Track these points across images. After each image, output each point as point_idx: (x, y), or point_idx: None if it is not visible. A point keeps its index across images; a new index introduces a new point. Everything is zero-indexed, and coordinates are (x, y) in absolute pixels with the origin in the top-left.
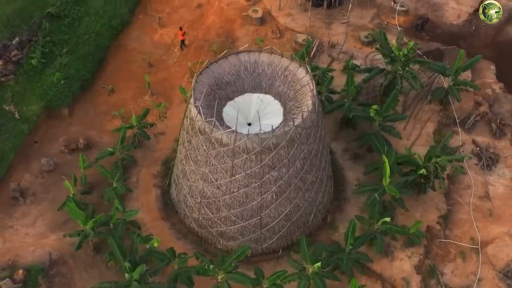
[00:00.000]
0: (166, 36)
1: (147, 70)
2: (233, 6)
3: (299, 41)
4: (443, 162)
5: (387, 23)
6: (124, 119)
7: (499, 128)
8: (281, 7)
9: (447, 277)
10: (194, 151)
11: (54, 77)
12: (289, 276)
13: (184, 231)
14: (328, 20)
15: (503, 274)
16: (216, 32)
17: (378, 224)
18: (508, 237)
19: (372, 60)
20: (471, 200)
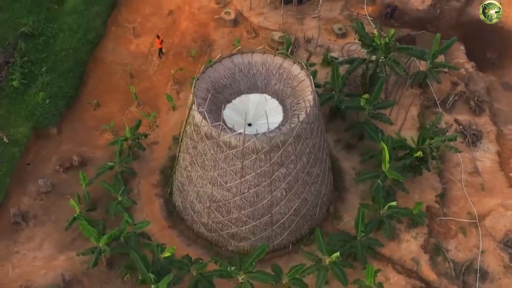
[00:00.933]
0: (142, 45)
1: (130, 81)
2: (204, 10)
3: (276, 38)
4: (437, 143)
5: (357, 14)
6: (114, 132)
7: (477, 105)
8: (252, 7)
9: (452, 253)
10: (201, 157)
11: (39, 96)
12: (307, 269)
13: (193, 237)
14: (299, 16)
15: (504, 244)
16: (191, 37)
17: (384, 209)
18: (502, 208)
19: (348, 51)
20: (462, 177)
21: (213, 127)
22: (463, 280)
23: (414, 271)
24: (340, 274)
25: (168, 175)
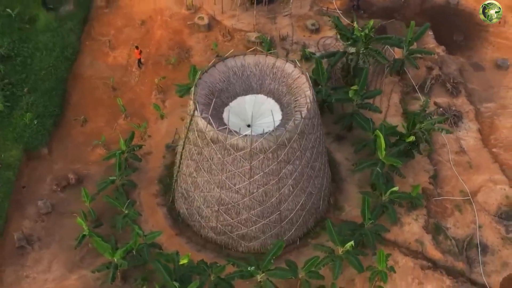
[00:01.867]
0: (119, 57)
1: (113, 94)
2: (176, 17)
3: (252, 39)
4: (428, 126)
5: (326, 9)
6: (106, 147)
7: (453, 87)
8: (223, 10)
9: (451, 231)
10: (207, 161)
11: (26, 118)
12: (322, 260)
13: (201, 242)
14: (271, 15)
15: (498, 217)
16: (167, 45)
17: (386, 195)
18: (491, 183)
19: (324, 45)
20: (450, 157)
21: (219, 131)
22: (466, 255)
23: (419, 252)
24: (355, 261)
25: (167, 184)
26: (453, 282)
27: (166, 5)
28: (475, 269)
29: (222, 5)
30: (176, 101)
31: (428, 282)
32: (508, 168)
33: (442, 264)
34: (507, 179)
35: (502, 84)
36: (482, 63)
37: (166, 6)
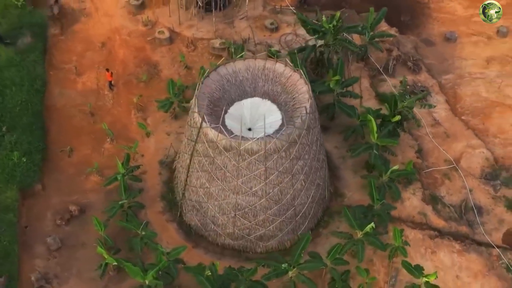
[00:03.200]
0: (88, 82)
1: (92, 120)
2: (135, 34)
3: (217, 46)
4: (410, 104)
5: (280, 7)
6: (99, 173)
7: (414, 65)
8: (180, 21)
9: (446, 198)
10: (221, 170)
11: (14, 157)
12: (345, 246)
13: (219, 250)
14: (227, 20)
15: (484, 179)
16: (133, 63)
17: (386, 175)
18: (470, 149)
19: (286, 42)
20: (427, 130)
21: (232, 138)
22: (466, 219)
23: (424, 223)
24: (377, 242)
25: (170, 200)
26: (462, 246)
27: (122, 24)
28: (477, 230)
29: (179, 16)
30: (157, 117)
31: (440, 250)
32: (479, 132)
33: (447, 231)
34: (482, 142)
35: (455, 56)
36: (432, 38)
37: (122, 25)
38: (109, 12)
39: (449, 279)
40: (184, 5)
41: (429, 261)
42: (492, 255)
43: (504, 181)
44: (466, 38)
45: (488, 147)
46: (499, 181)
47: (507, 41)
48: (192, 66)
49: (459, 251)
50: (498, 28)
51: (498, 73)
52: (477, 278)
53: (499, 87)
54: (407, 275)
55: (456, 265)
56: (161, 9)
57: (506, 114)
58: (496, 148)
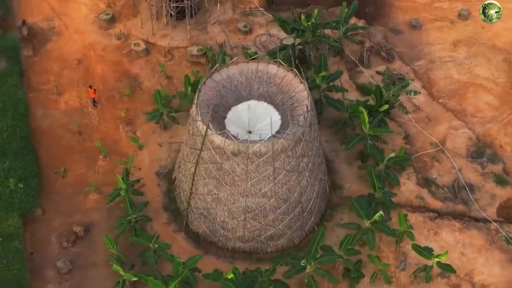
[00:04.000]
0: (70, 101)
1: (81, 138)
2: (110, 49)
3: (194, 53)
4: (396, 92)
5: (249, 9)
6: (97, 191)
7: (387, 54)
8: (154, 32)
9: (438, 180)
10: (229, 175)
11: (11, 183)
12: (355, 236)
13: (229, 254)
14: (200, 26)
15: (470, 157)
16: (113, 78)
17: (384, 163)
18: (453, 130)
19: (261, 43)
20: (410, 116)
21: (240, 143)
22: (460, 198)
23: (422, 206)
24: (386, 228)
25: (173, 210)
26: (461, 224)
27: (95, 40)
28: (472, 207)
29: (152, 27)
30: (146, 129)
31: (442, 230)
32: (458, 113)
33: (445, 211)
34: (463, 123)
35: (423, 42)
36: (398, 27)
37: (95, 40)
38: (79, 28)
39: (455, 257)
40: (155, 15)
41: (433, 242)
42: (490, 230)
43: (489, 157)
44: (430, 24)
45: (469, 127)
46: (485, 158)
47: (469, 23)
48: (173, 75)
49: (460, 229)
50: (459, 11)
51: (466, 54)
52: (481, 253)
53: (469, 68)
54: (414, 257)
55: (459, 243)
56: (132, 21)
57: (479, 94)
58: (476, 127)
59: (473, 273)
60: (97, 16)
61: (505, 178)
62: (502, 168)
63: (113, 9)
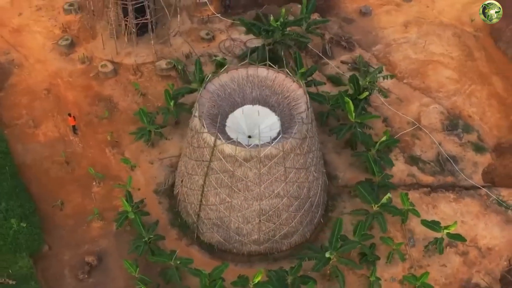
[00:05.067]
0: (49, 132)
1: (69, 168)
2: (76, 74)
3: (164, 67)
4: (373, 78)
5: (207, 16)
6: (100, 217)
7: (347, 43)
8: (117, 51)
9: (423, 156)
10: (242, 181)
11: (14, 224)
12: (366, 222)
13: (245, 259)
14: (162, 40)
15: (446, 131)
16: (86, 103)
17: (376, 148)
18: (424, 107)
19: (226, 48)
20: (382, 100)
21: (252, 148)
22: (447, 170)
23: (415, 183)
24: (393, 209)
25: (181, 225)
26: (455, 194)
27: (58, 67)
28: (459, 177)
29: (116, 46)
30: (133, 149)
31: (439, 202)
32: (424, 91)
33: (437, 185)
34: (432, 99)
35: (376, 27)
36: (350, 16)
37: (59, 67)
38: (40, 58)
39: (457, 226)
40: (115, 35)
41: (434, 215)
42: (482, 196)
43: (463, 128)
44: (379, 9)
45: (437, 102)
46: (460, 129)
47: (413, 4)
48: (146, 92)
49: (454, 199)
50: None
51: (418, 34)
52: (479, 218)
53: (423, 46)
54: (420, 233)
55: (457, 212)
56: (92, 44)
57: (438, 69)
58: (443, 101)
59: (477, 239)
60: (55, 42)
61: (482, 145)
62: (477, 137)
63: (69, 34)
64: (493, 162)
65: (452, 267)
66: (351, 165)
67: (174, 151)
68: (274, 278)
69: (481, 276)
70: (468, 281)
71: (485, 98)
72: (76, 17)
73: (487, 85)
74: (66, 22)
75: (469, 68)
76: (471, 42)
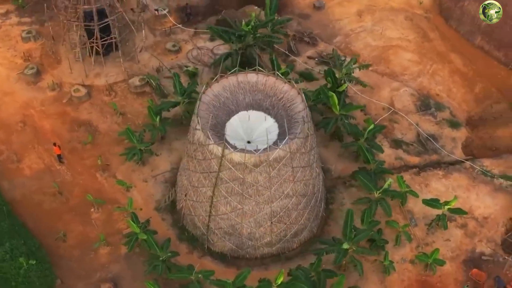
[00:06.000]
0: (33, 165)
1: (64, 198)
2: (48, 102)
3: (137, 84)
4: (348, 70)
5: (169, 28)
6: (106, 243)
7: (310, 39)
8: (86, 74)
9: (405, 138)
10: (253, 186)
11: (23, 263)
12: (371, 208)
13: (258, 262)
14: (129, 57)
15: (420, 111)
16: (65, 129)
17: (365, 136)
18: (395, 91)
19: (195, 57)
20: (354, 89)
21: (261, 153)
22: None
23: (403, 165)
24: (395, 193)
25: (189, 239)
26: (443, 170)
27: (29, 97)
28: (442, 154)
29: (84, 69)
30: (124, 170)
31: (430, 180)
32: (390, 75)
33: (423, 164)
34: (400, 82)
35: (331, 20)
36: (305, 11)
37: (29, 97)
38: (7, 90)
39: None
40: (80, 57)
41: (428, 194)
42: (467, 169)
43: (435, 107)
44: (331, 2)
45: (405, 85)
46: (433, 108)
47: None
48: (124, 111)
49: (443, 175)
50: None
51: (372, 22)
52: (470, 191)
53: (381, 33)
54: (419, 212)
55: (449, 188)
56: (58, 69)
57: (399, 53)
58: (410, 83)
59: (472, 210)
60: (20, 72)
61: (456, 120)
62: (450, 113)
63: (33, 62)
64: (469, 135)
65: (455, 240)
66: (340, 156)
67: (165, 167)
68: (302, 276)
69: (484, 245)
70: (472, 251)
71: (448, 76)
72: (36, 44)
73: (447, 63)
74: (27, 50)
75: (427, 49)
76: (424, 24)
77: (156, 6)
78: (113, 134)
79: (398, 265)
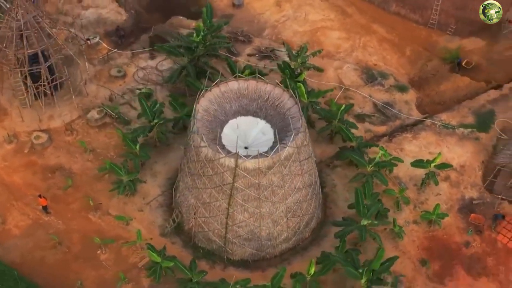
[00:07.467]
0: (20, 223)
1: (65, 248)
2: (9, 155)
3: (97, 116)
4: (304, 60)
5: (107, 54)
6: (126, 280)
7: (244, 37)
8: (40, 119)
9: (364, 111)
10: (268, 188)
11: None
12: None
13: (279, 260)
14: (75, 93)
15: (369, 84)
16: (38, 179)
17: (338, 117)
18: (339, 70)
19: (142, 78)
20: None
21: (273, 155)
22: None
23: (373, 137)
24: (386, 163)
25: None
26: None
27: None
28: (402, 117)
29: (38, 114)
30: (115, 205)
31: (403, 144)
32: (326, 55)
33: (390, 131)
34: (341, 61)
35: (254, 15)
36: (226, 11)
37: None
38: None
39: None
40: (28, 104)
41: (407, 156)
42: (430, 126)
43: (379, 76)
44: None
45: (345, 62)
46: (378, 78)
47: None
48: (92, 147)
49: (413, 136)
50: None
51: (293, 9)
52: (441, 145)
53: (304, 18)
54: (405, 176)
55: (421, 147)
56: (7, 120)
57: (328, 34)
58: (347, 59)
59: (449, 162)
60: None
61: (402, 84)
62: (394, 79)
63: None
64: (418, 95)
65: (445, 193)
66: (315, 142)
67: (155, 191)
68: (342, 258)
69: (470, 190)
70: (462, 199)
71: (378, 45)
72: None
73: (372, 33)
74: None
75: (351, 24)
76: (340, 1)
77: (87, 36)
78: (90, 172)
79: (405, 228)
